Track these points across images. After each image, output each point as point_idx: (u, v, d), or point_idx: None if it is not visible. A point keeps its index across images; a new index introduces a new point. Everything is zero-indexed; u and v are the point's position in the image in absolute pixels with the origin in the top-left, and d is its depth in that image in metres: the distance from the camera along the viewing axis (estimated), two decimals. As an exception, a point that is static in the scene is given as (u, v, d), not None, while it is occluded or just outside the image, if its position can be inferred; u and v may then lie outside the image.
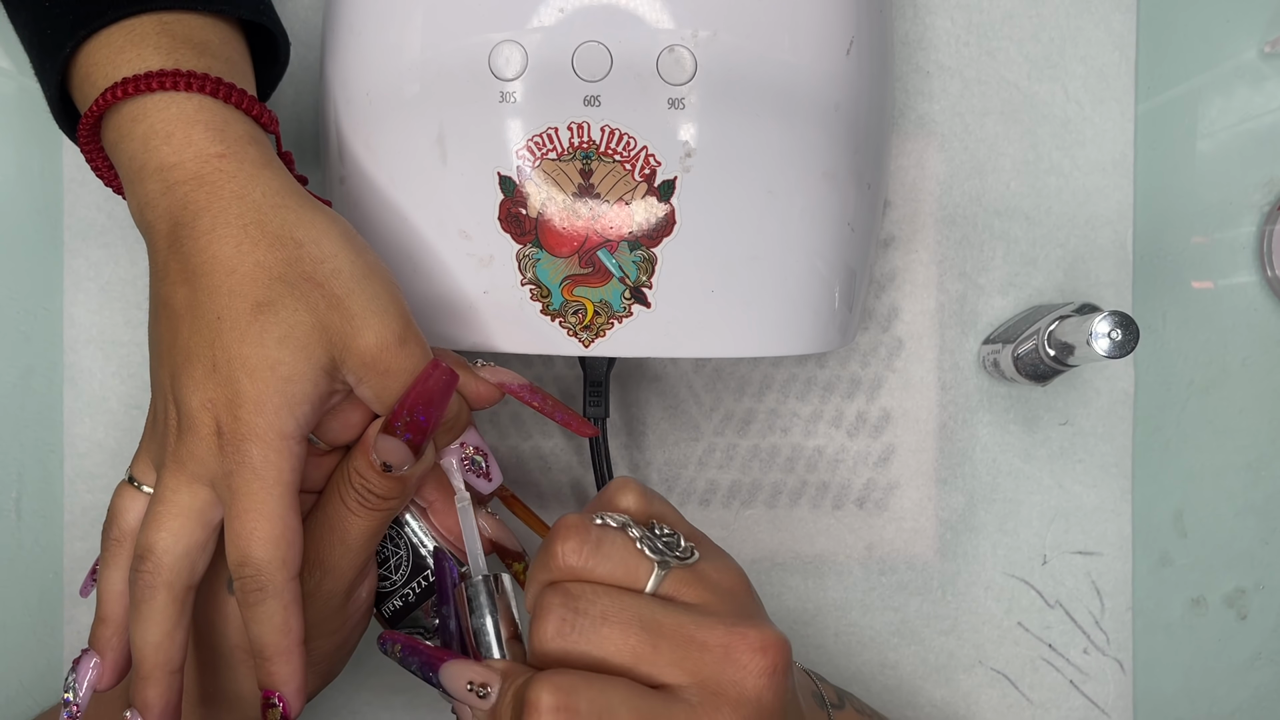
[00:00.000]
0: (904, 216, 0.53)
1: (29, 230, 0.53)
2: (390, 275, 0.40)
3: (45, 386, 0.53)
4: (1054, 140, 0.53)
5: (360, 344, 0.38)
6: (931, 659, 0.54)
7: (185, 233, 0.38)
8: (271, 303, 0.37)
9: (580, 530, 0.34)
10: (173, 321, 0.38)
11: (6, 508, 0.53)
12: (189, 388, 0.37)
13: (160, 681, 0.38)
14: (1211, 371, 0.54)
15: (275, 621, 0.37)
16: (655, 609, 0.33)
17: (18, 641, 0.53)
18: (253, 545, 0.37)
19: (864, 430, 0.53)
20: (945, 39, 0.53)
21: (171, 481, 0.38)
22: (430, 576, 0.42)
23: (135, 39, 0.39)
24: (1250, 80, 0.54)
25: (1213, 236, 0.54)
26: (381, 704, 0.54)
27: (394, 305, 0.39)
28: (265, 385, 0.36)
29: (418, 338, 0.39)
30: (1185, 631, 0.55)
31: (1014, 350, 0.50)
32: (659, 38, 0.42)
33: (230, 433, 0.36)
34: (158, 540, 0.37)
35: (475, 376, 0.41)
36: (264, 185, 0.38)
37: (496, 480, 0.42)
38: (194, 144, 0.38)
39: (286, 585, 0.37)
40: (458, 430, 0.41)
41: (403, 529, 0.42)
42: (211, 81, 0.39)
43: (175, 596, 0.38)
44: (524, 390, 0.42)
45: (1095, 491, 0.54)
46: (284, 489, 0.37)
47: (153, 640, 0.38)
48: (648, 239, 0.43)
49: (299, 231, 0.38)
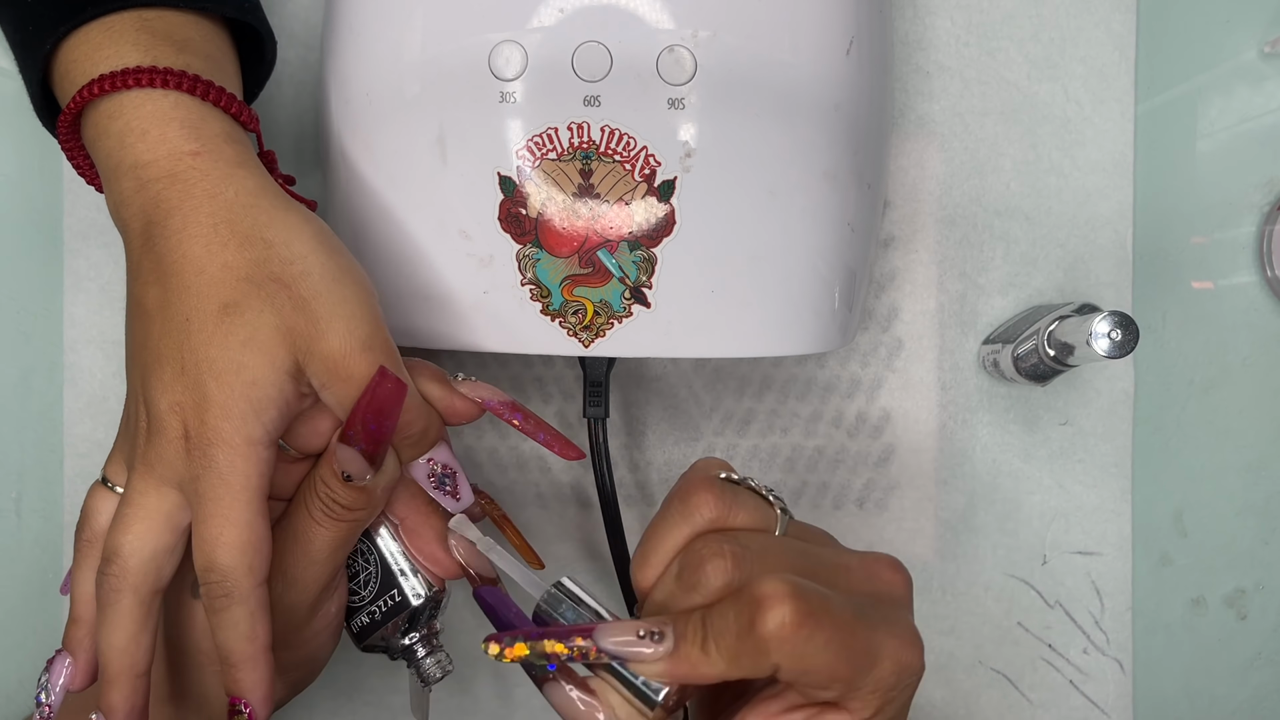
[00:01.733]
0: (904, 216, 0.53)
1: (29, 230, 0.53)
2: (365, 280, 0.39)
3: (45, 386, 0.53)
4: (1054, 140, 0.53)
5: (323, 348, 0.37)
6: (931, 659, 0.54)
7: (158, 231, 0.37)
8: (237, 304, 0.36)
9: (715, 484, 0.35)
10: (144, 322, 0.38)
11: (6, 507, 0.53)
12: (158, 389, 0.37)
13: (125, 685, 0.37)
14: (1211, 371, 0.54)
15: (241, 628, 0.37)
16: (796, 543, 0.35)
17: (17, 641, 0.53)
18: (218, 551, 0.36)
19: (864, 430, 0.53)
20: (945, 39, 0.53)
21: (140, 484, 0.37)
22: (397, 596, 0.42)
23: (114, 35, 0.39)
24: (1250, 80, 0.54)
25: (1213, 236, 0.54)
26: (381, 705, 0.54)
27: (362, 310, 0.38)
28: (231, 390, 0.36)
29: (386, 346, 0.38)
30: (1185, 631, 0.55)
31: (1014, 350, 0.50)
32: (659, 38, 0.42)
33: (197, 437, 0.36)
34: (124, 543, 0.37)
35: (452, 391, 0.40)
36: (238, 184, 0.38)
37: (465, 500, 0.41)
38: (168, 141, 0.38)
39: (253, 592, 0.37)
40: (425, 445, 0.40)
41: (374, 544, 0.42)
42: (189, 79, 0.38)
43: (141, 600, 0.37)
44: (505, 408, 0.41)
45: (1095, 491, 0.54)
46: (251, 494, 0.36)
47: (118, 644, 0.37)
48: (648, 239, 0.43)
49: (270, 232, 0.37)
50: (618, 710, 0.34)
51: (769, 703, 0.34)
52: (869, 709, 0.33)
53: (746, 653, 0.31)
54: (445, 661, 0.43)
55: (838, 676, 0.32)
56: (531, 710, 0.54)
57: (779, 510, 0.36)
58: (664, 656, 0.32)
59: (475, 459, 0.53)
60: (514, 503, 0.53)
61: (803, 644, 0.31)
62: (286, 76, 0.53)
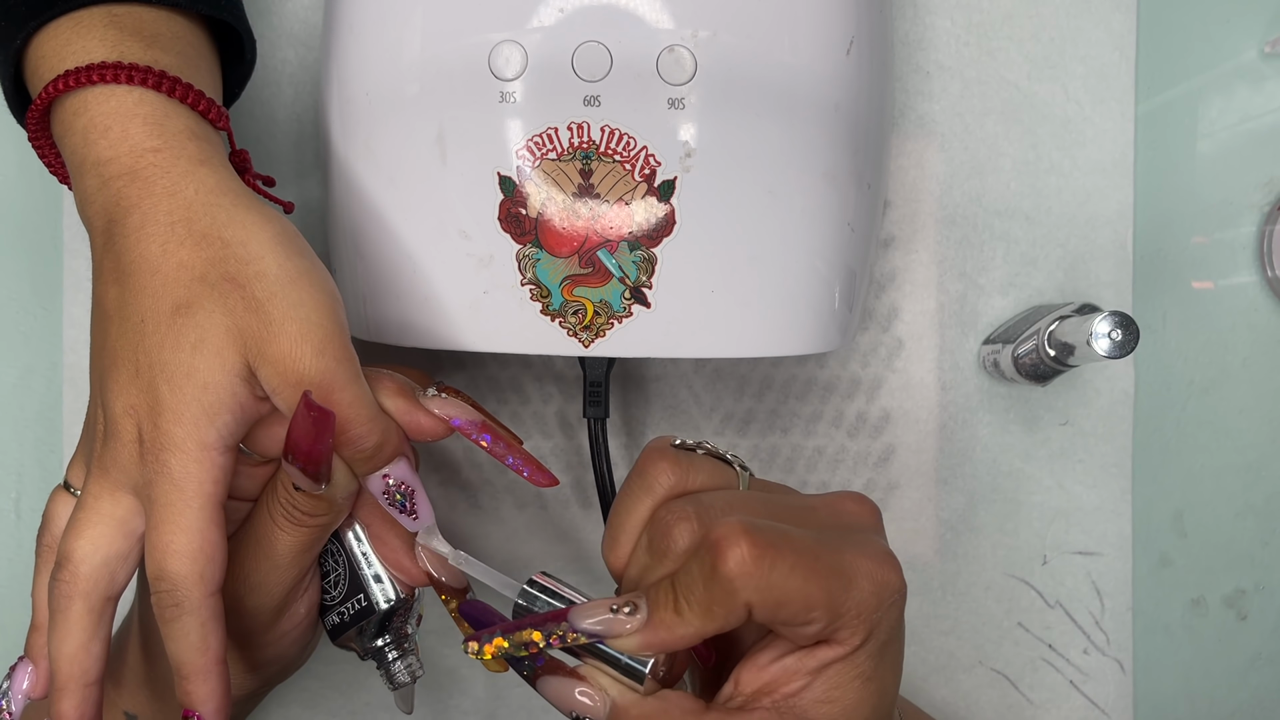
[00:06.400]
0: (904, 216, 0.53)
1: (29, 230, 0.53)
2: (326, 283, 0.37)
3: (45, 386, 0.53)
4: (1054, 140, 0.53)
5: (273, 350, 0.35)
6: (932, 659, 0.54)
7: (117, 230, 0.37)
8: (189, 305, 0.35)
9: (669, 452, 0.35)
10: (104, 323, 0.37)
11: (6, 508, 0.53)
12: (114, 392, 0.36)
13: (75, 693, 0.36)
14: (1211, 371, 0.54)
15: (192, 639, 0.35)
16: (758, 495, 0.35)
17: (17, 640, 0.53)
18: (169, 559, 0.35)
19: (864, 430, 0.53)
20: (945, 39, 0.53)
21: (95, 488, 0.36)
22: (364, 600, 0.41)
23: (82, 31, 0.38)
24: (1250, 80, 0.54)
25: (1213, 236, 0.54)
26: (381, 704, 0.54)
27: (319, 315, 0.36)
28: (183, 393, 0.35)
29: (341, 352, 0.36)
30: (1185, 632, 0.55)
31: (1014, 350, 0.50)
32: (659, 38, 0.42)
33: (151, 441, 0.35)
34: (76, 548, 0.36)
35: (416, 406, 0.39)
36: (198, 182, 0.37)
37: (425, 519, 0.39)
38: (130, 138, 0.37)
39: (204, 602, 0.35)
40: (381, 460, 0.38)
41: (343, 546, 0.41)
42: (154, 74, 0.37)
43: (91, 607, 0.36)
44: (473, 427, 0.39)
45: (1095, 491, 0.54)
46: (204, 501, 0.35)
47: (67, 651, 0.36)
48: (648, 239, 0.43)
49: (228, 231, 0.36)
50: (610, 690, 0.34)
51: (760, 654, 0.34)
52: (858, 635, 0.32)
53: (717, 600, 0.31)
54: (415, 666, 0.43)
55: (813, 602, 0.31)
56: (531, 712, 0.54)
57: (738, 468, 0.36)
58: (640, 627, 0.32)
59: (475, 459, 0.53)
60: (514, 503, 0.53)
61: (767, 574, 0.31)
62: (286, 76, 0.53)
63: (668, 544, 0.33)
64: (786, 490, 0.36)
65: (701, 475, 0.35)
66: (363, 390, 0.37)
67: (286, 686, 0.52)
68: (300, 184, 0.53)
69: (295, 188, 0.53)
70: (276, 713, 0.54)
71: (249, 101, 0.52)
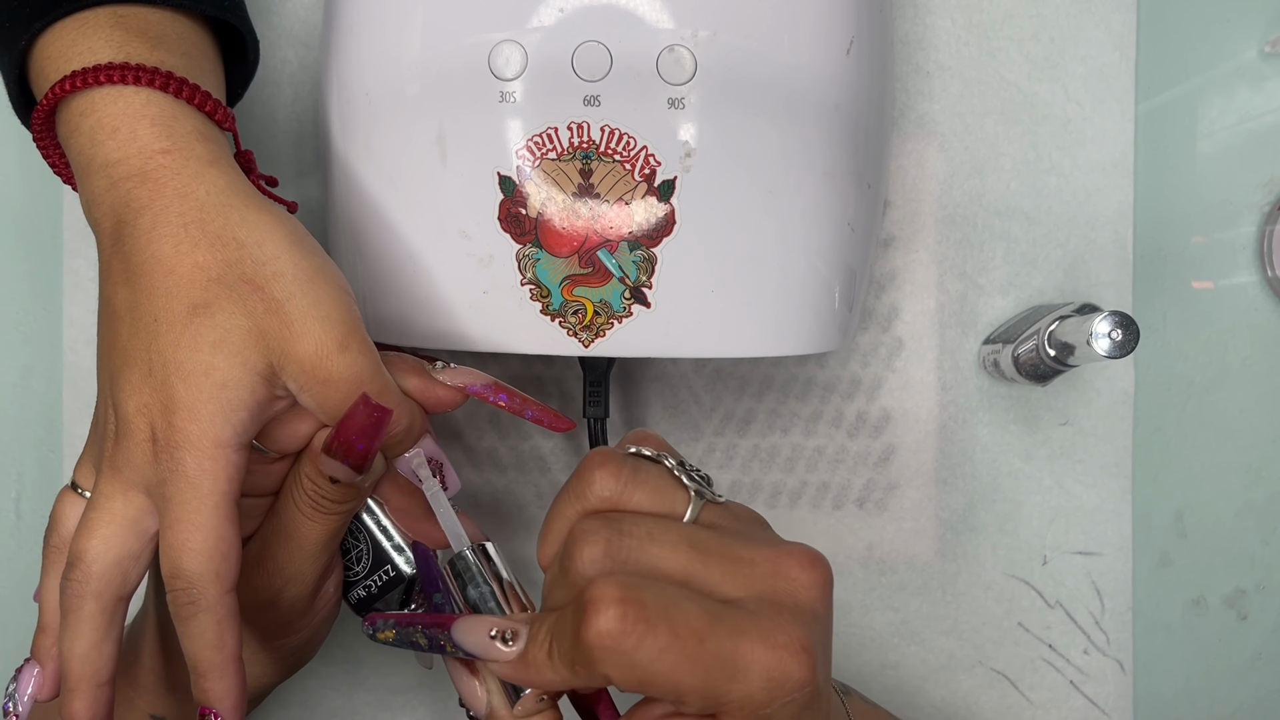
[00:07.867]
0: (904, 216, 0.53)
1: (29, 230, 0.53)
2: (340, 280, 0.38)
3: (45, 386, 0.53)
4: (1054, 140, 0.53)
5: (298, 350, 0.36)
6: (932, 659, 0.54)
7: (127, 231, 0.37)
8: (208, 305, 0.36)
9: (614, 458, 0.33)
10: (113, 323, 0.37)
11: (6, 508, 0.53)
12: (126, 392, 0.36)
13: (87, 694, 0.36)
14: (1211, 371, 0.54)
15: (208, 637, 0.35)
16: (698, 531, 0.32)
17: (17, 641, 0.53)
18: (184, 557, 0.35)
19: (864, 430, 0.53)
20: (945, 39, 0.53)
21: (106, 488, 0.36)
22: (391, 571, 0.41)
23: (87, 32, 0.38)
24: (1250, 80, 0.54)
25: (1213, 236, 0.54)
26: (381, 704, 0.54)
27: (338, 311, 0.37)
28: (199, 391, 0.35)
29: (363, 345, 0.37)
30: (1185, 632, 0.55)
31: (1014, 350, 0.50)
32: (659, 38, 0.42)
33: (165, 440, 0.35)
34: (88, 548, 0.36)
35: (432, 380, 0.40)
36: (209, 183, 0.37)
37: (453, 489, 0.40)
38: (138, 139, 0.37)
39: (220, 599, 0.35)
40: (410, 441, 0.39)
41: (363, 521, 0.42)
42: (161, 75, 0.38)
43: (104, 607, 0.36)
44: (488, 389, 0.40)
45: (1095, 491, 0.54)
46: (219, 499, 0.35)
47: (79, 651, 0.36)
48: (648, 239, 0.43)
49: (242, 232, 0.37)
50: (492, 697, 0.34)
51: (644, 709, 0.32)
52: None
53: (579, 661, 0.29)
54: None
55: (684, 690, 0.29)
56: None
57: (692, 492, 0.33)
58: (512, 659, 0.31)
59: (475, 459, 0.53)
60: (514, 503, 0.53)
61: (630, 652, 0.28)
62: (286, 76, 0.53)
63: (571, 564, 0.31)
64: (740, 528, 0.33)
65: (641, 494, 0.32)
66: (386, 378, 0.38)
67: (287, 687, 0.52)
68: (300, 184, 0.53)
69: (295, 188, 0.53)
70: (277, 713, 0.54)
71: (249, 101, 0.52)
